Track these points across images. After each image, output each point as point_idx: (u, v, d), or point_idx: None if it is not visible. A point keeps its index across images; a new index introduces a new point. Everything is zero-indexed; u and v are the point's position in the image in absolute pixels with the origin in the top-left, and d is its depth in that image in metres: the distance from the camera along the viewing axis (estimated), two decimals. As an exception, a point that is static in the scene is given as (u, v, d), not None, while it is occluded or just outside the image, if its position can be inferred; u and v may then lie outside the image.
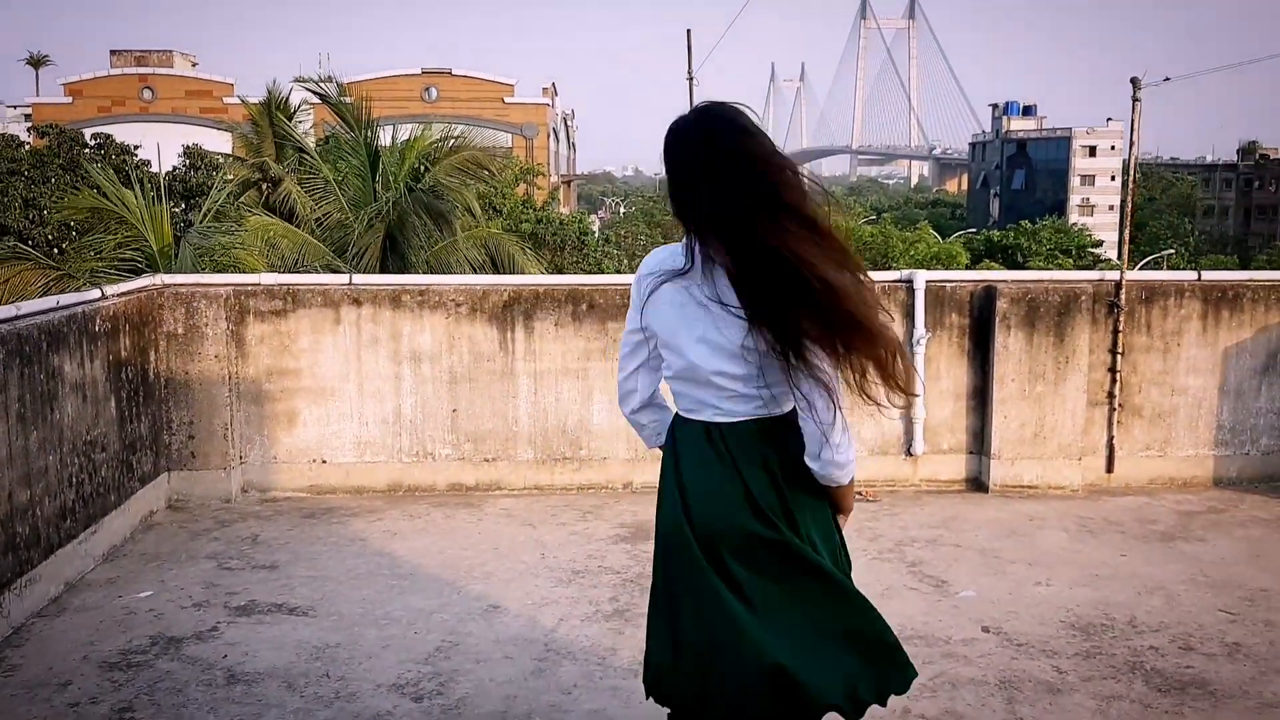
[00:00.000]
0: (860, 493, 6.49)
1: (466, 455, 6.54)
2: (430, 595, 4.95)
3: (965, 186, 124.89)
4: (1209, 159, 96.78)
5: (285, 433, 6.44)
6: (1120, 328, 6.48)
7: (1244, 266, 49.92)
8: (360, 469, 6.51)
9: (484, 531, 5.88)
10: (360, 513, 6.18)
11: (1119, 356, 6.50)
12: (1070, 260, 47.70)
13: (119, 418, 5.65)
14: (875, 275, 6.73)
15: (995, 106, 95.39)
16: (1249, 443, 6.61)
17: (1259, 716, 3.81)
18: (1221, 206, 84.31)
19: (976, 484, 6.62)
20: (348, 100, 18.62)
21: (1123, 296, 6.46)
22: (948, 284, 6.55)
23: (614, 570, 5.28)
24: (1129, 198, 6.91)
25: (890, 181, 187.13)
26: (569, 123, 73.56)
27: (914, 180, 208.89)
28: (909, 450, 6.60)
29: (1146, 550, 5.54)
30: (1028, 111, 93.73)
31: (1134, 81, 6.25)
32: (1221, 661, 4.22)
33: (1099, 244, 61.34)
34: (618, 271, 32.71)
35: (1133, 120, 6.36)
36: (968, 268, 27.64)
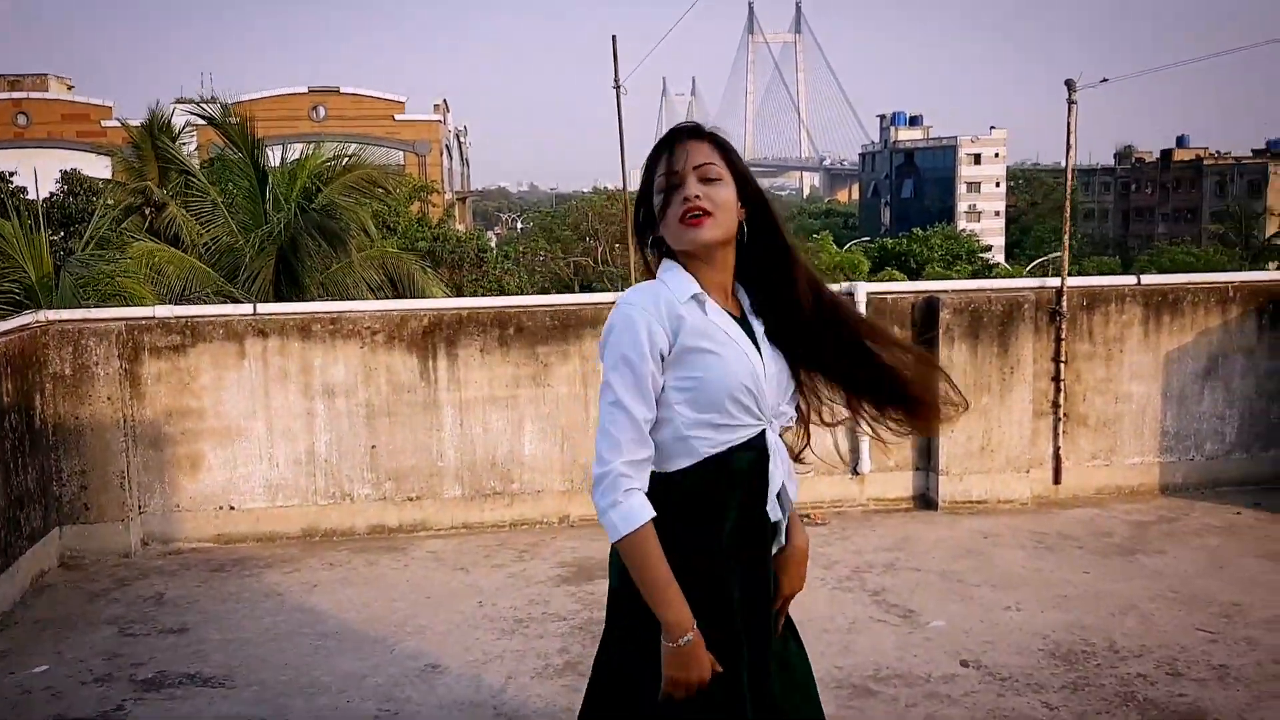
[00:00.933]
0: (807, 515, 6.21)
1: (388, 495, 6.08)
2: (360, 656, 4.50)
3: (856, 196, 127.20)
4: (1087, 163, 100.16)
5: (188, 478, 5.90)
6: (1063, 335, 6.33)
7: (1126, 267, 51.50)
8: (272, 514, 5.99)
9: (413, 578, 5.43)
10: (274, 563, 5.67)
11: (1062, 365, 6.35)
12: (967, 265, 48.68)
13: (2, 471, 5.06)
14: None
15: (883, 117, 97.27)
16: (1193, 448, 6.51)
17: (1265, 747, 3.60)
18: (1101, 210, 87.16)
19: (925, 501, 6.39)
20: (233, 120, 17.89)
21: (1065, 303, 6.31)
22: (889, 295, 6.32)
23: (560, 616, 4.89)
24: (1067, 201, 6.78)
25: (784, 193, 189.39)
26: (462, 139, 72.74)
27: (806, 191, 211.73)
28: (855, 469, 6.34)
29: (1108, 566, 5.36)
30: (914, 122, 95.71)
31: (1069, 84, 6.12)
32: (1214, 688, 4.02)
33: (988, 249, 62.83)
34: (519, 290, 32.19)
35: (1069, 123, 6.22)
36: (870, 275, 27.95)
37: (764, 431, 2.18)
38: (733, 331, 2.17)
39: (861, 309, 6.17)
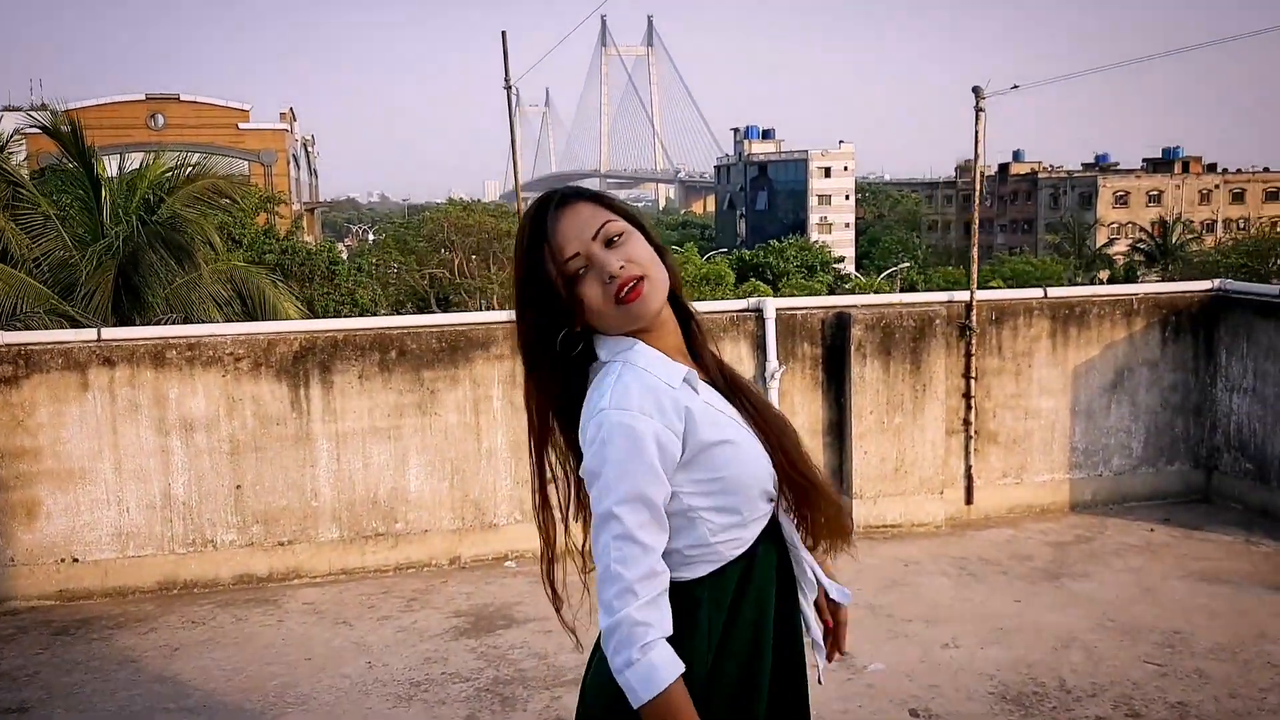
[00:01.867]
0: (718, 548, 5.82)
1: (256, 540, 5.43)
2: (235, 737, 3.90)
3: (711, 208, 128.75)
4: (929, 177, 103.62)
5: (24, 528, 5.14)
6: (973, 351, 6.11)
7: (993, 272, 53.09)
8: (122, 566, 5.28)
9: (289, 636, 4.82)
10: (127, 622, 4.97)
11: (973, 381, 6.13)
12: (825, 276, 49.54)
13: None
14: (723, 305, 6.11)
15: (736, 130, 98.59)
16: (1101, 463, 6.38)
17: (1248, 798, 3.35)
18: (944, 221, 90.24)
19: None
20: (65, 128, 16.67)
21: (974, 318, 6.10)
22: (798, 312, 5.99)
23: (462, 677, 4.37)
24: (975, 210, 6.59)
25: (639, 204, 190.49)
26: (309, 148, 70.62)
27: (662, 203, 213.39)
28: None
29: (1037, 593, 5.13)
30: (767, 135, 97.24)
31: (976, 91, 5.92)
32: (1177, 728, 3.77)
33: (840, 259, 64.26)
34: (373, 304, 31.13)
35: (976, 131, 6.02)
36: (734, 287, 27.92)
37: (774, 515, 1.88)
38: (729, 410, 1.85)
39: (770, 325, 5.84)
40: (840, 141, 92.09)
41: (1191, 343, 6.41)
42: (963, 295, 6.17)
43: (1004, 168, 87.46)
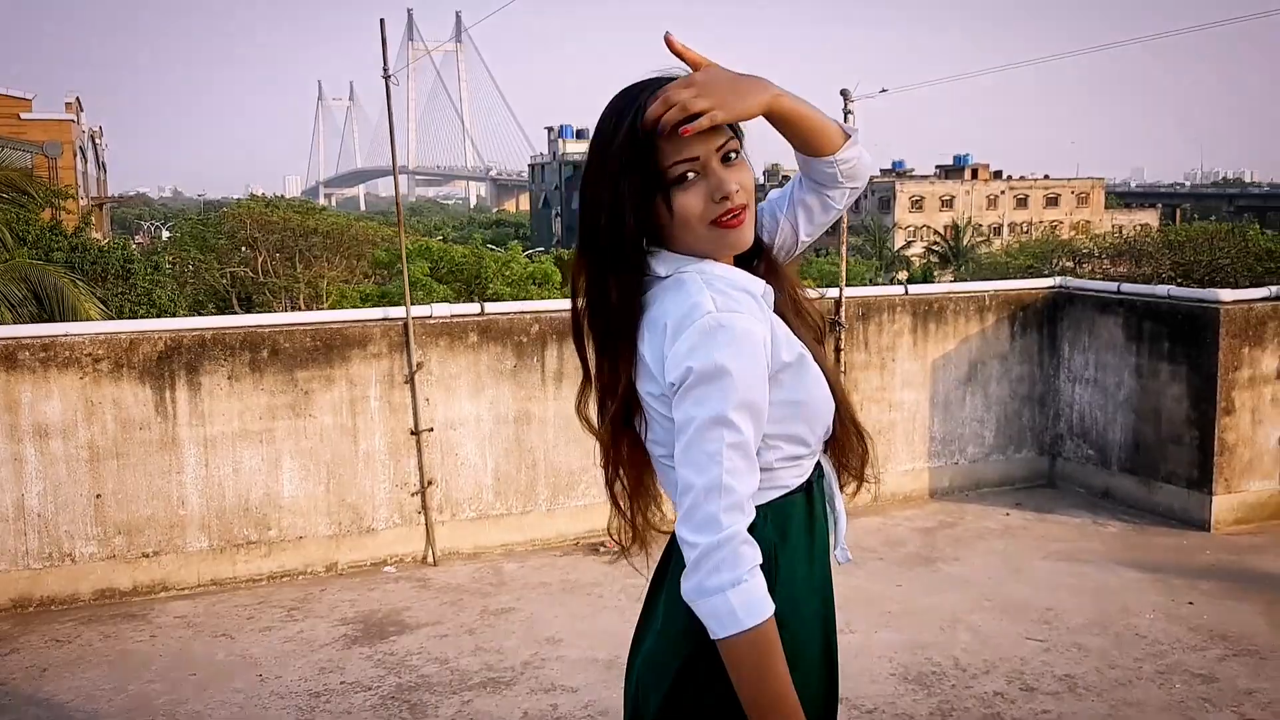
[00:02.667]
0: (603, 544, 5.82)
1: (119, 551, 5.10)
2: (128, 762, 3.65)
3: (525, 206, 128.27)
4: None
5: None
6: (842, 345, 6.31)
7: (801, 274, 54.54)
8: (-34, 586, 4.86)
9: (166, 651, 4.54)
10: (-23, 647, 4.58)
11: (842, 375, 6.33)
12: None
13: None
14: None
15: (551, 129, 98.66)
16: (958, 452, 6.70)
17: (1144, 760, 3.59)
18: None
19: (715, 521, 6.17)
20: None
21: (843, 314, 6.30)
22: (679, 308, 6.05)
23: (363, 686, 4.22)
24: (843, 220, 6.77)
25: (449, 202, 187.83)
26: (97, 141, 66.62)
27: (473, 201, 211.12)
28: (648, 492, 6.01)
29: (915, 577, 5.33)
30: (581, 134, 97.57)
31: (844, 93, 6.10)
32: (1068, 700, 4.00)
33: (657, 259, 65.01)
34: (171, 304, 29.59)
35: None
36: (560, 287, 27.77)
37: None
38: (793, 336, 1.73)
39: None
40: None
41: (1037, 337, 6.81)
42: (833, 292, 6.36)
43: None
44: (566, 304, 5.73)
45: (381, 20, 5.16)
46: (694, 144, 1.60)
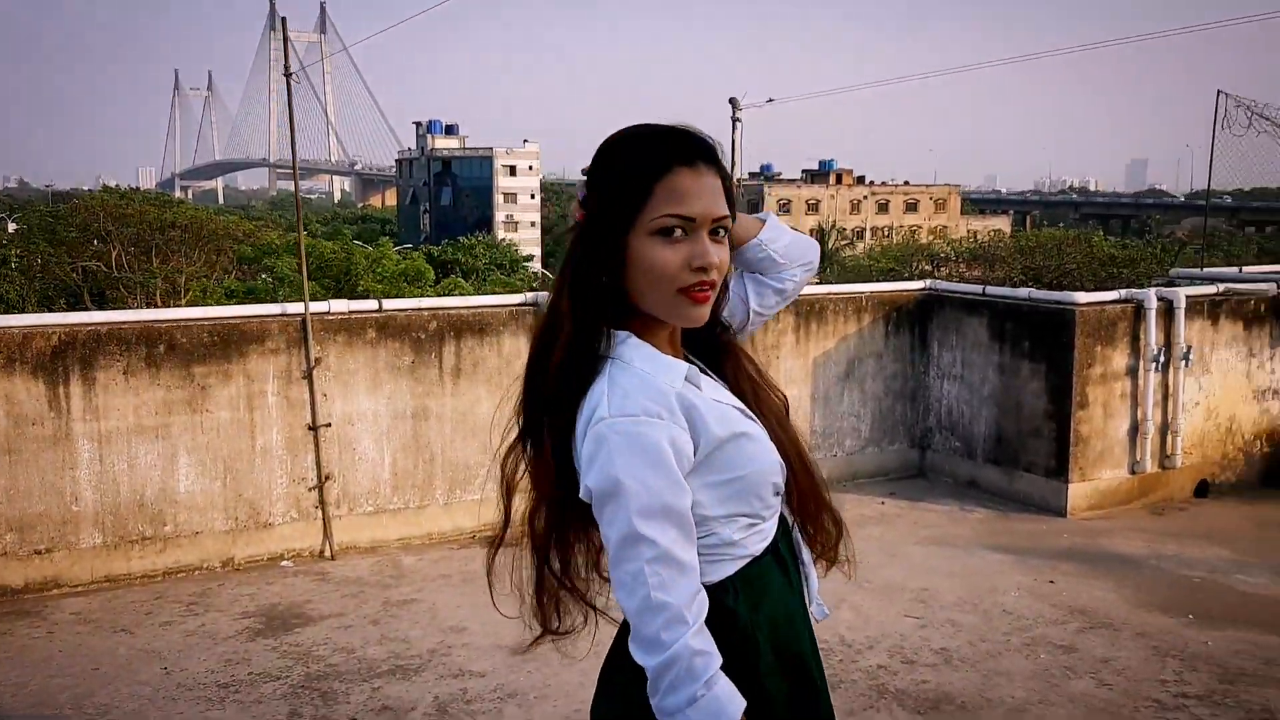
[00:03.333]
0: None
1: (9, 548, 5.01)
2: (39, 755, 3.64)
3: (391, 202, 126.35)
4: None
5: None
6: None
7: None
8: None
9: (65, 647, 4.51)
10: None
11: (728, 372, 6.59)
12: (525, 273, 49.97)
13: None
14: (503, 299, 6.23)
15: (419, 124, 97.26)
16: (836, 445, 7.04)
17: (1014, 722, 3.92)
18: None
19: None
20: None
21: (730, 313, 6.55)
22: (574, 306, 6.22)
23: (272, 676, 4.27)
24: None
25: (313, 196, 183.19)
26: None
27: (338, 195, 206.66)
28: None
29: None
30: (450, 130, 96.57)
31: (732, 102, 6.38)
32: (945, 671, 4.32)
33: (530, 258, 64.95)
34: (20, 300, 28.32)
35: (733, 140, 6.47)
36: (434, 284, 27.63)
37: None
38: (735, 402, 1.67)
39: (549, 320, 6.02)
40: (525, 140, 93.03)
41: (909, 336, 7.20)
42: (719, 292, 6.61)
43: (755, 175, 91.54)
44: (465, 301, 5.85)
45: (283, 19, 5.20)
46: (695, 205, 1.57)
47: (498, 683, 4.20)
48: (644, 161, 1.58)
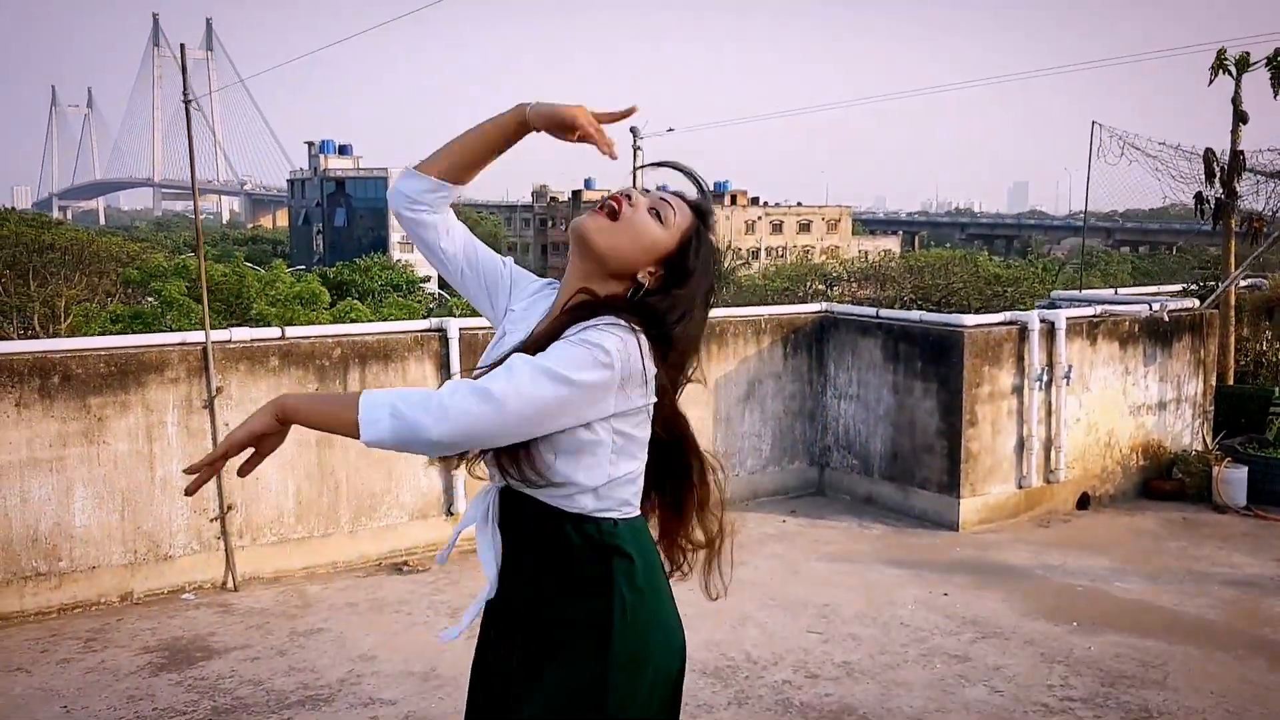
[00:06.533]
0: (405, 563, 5.95)
1: (-107, 589, 4.84)
2: (-66, 802, 3.54)
3: (283, 222, 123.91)
4: (507, 200, 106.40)
5: None
6: (632, 367, 6.68)
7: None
8: None
9: (-44, 690, 4.38)
10: None
11: (632, 395, 6.69)
12: (422, 294, 49.40)
13: None
14: (407, 325, 6.24)
15: (311, 144, 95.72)
16: (738, 464, 7.19)
17: (913, 730, 4.08)
18: (523, 243, 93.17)
19: (514, 537, 6.40)
20: None
21: (633, 337, 6.66)
22: (480, 331, 6.24)
23: (177, 711, 4.22)
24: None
25: (202, 216, 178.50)
26: None
27: (226, 216, 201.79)
28: (449, 510, 6.18)
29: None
30: (344, 150, 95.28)
31: (633, 131, 6.49)
32: (847, 684, 4.47)
33: (426, 279, 64.38)
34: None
35: (634, 168, 6.59)
36: (330, 306, 27.07)
37: None
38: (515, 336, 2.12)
39: (454, 344, 6.06)
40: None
41: (807, 357, 7.41)
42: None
43: (576, 194, 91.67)
44: (370, 328, 5.86)
45: (182, 45, 5.16)
46: (655, 191, 2.04)
47: (408, 710, 4.21)
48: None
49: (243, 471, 1.86)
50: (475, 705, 2.08)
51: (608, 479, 1.91)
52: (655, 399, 1.95)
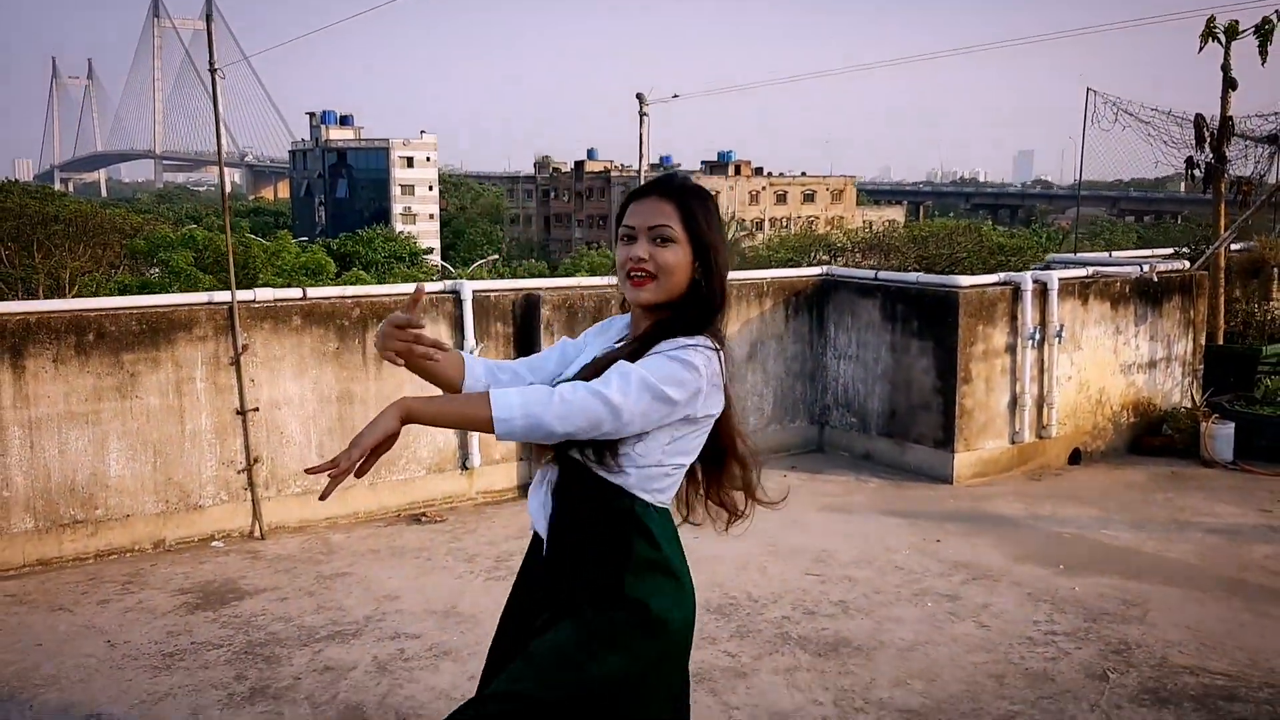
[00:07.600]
0: (424, 514, 6.22)
1: (-59, 535, 5.12)
2: (-3, 721, 3.82)
3: (284, 194, 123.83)
4: (509, 171, 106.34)
5: None
6: (638, 327, 6.92)
7: (553, 270, 55.31)
8: None
9: (4, 626, 4.66)
10: None
11: (638, 354, 6.94)
12: (427, 264, 49.57)
13: None
14: (428, 285, 6.47)
15: (312, 115, 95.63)
16: (741, 423, 7.43)
17: (905, 660, 4.35)
18: (525, 215, 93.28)
19: (526, 490, 6.66)
20: None
21: (639, 298, 6.90)
22: (492, 293, 6.50)
23: (214, 644, 4.49)
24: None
25: (201, 189, 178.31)
26: None
27: (227, 187, 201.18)
28: (465, 464, 6.45)
29: (708, 531, 5.98)
30: (345, 121, 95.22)
31: (640, 97, 6.71)
32: (843, 619, 4.74)
33: (429, 251, 64.54)
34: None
35: (640, 133, 6.81)
36: (335, 276, 27.39)
37: None
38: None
39: (468, 306, 6.30)
40: (421, 132, 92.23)
41: (808, 319, 7.65)
42: (629, 278, 6.95)
43: (579, 165, 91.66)
44: (387, 289, 6.15)
45: (208, 16, 5.36)
46: (636, 217, 2.21)
47: (432, 641, 4.49)
48: (620, 208, 2.29)
49: (360, 473, 1.98)
50: (505, 631, 2.38)
51: (658, 466, 2.21)
52: (723, 408, 2.29)
